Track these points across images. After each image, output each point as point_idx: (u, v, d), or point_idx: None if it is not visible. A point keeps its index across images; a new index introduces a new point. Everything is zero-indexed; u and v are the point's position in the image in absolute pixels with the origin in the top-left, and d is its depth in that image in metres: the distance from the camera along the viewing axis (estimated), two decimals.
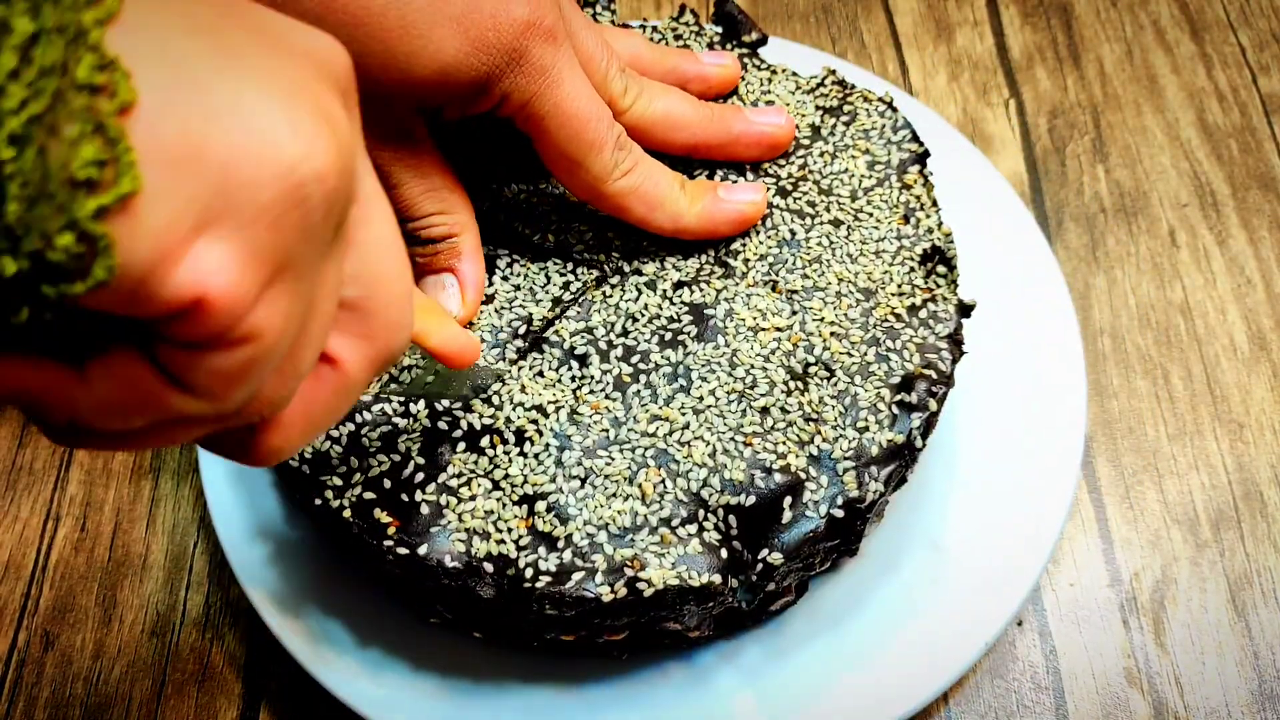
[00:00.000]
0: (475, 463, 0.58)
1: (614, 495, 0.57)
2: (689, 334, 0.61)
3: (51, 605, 0.68)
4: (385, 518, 0.56)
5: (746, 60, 0.72)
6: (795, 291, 0.63)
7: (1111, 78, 0.89)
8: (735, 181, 0.65)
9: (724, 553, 0.56)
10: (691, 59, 0.68)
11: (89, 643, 0.67)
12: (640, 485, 0.57)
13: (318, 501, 0.57)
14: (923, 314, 0.62)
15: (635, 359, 0.61)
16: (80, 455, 0.73)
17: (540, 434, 0.58)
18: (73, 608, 0.68)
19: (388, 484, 0.57)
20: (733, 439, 0.58)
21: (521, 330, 0.62)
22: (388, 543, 0.55)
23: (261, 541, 0.65)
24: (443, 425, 0.58)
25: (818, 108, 0.70)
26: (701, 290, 0.62)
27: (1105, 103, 0.88)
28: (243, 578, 0.63)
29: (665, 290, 0.62)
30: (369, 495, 0.57)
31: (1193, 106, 0.88)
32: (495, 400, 0.59)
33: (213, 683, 0.65)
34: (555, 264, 0.64)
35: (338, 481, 0.57)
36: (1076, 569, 0.69)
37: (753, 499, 0.56)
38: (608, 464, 0.57)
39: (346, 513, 0.56)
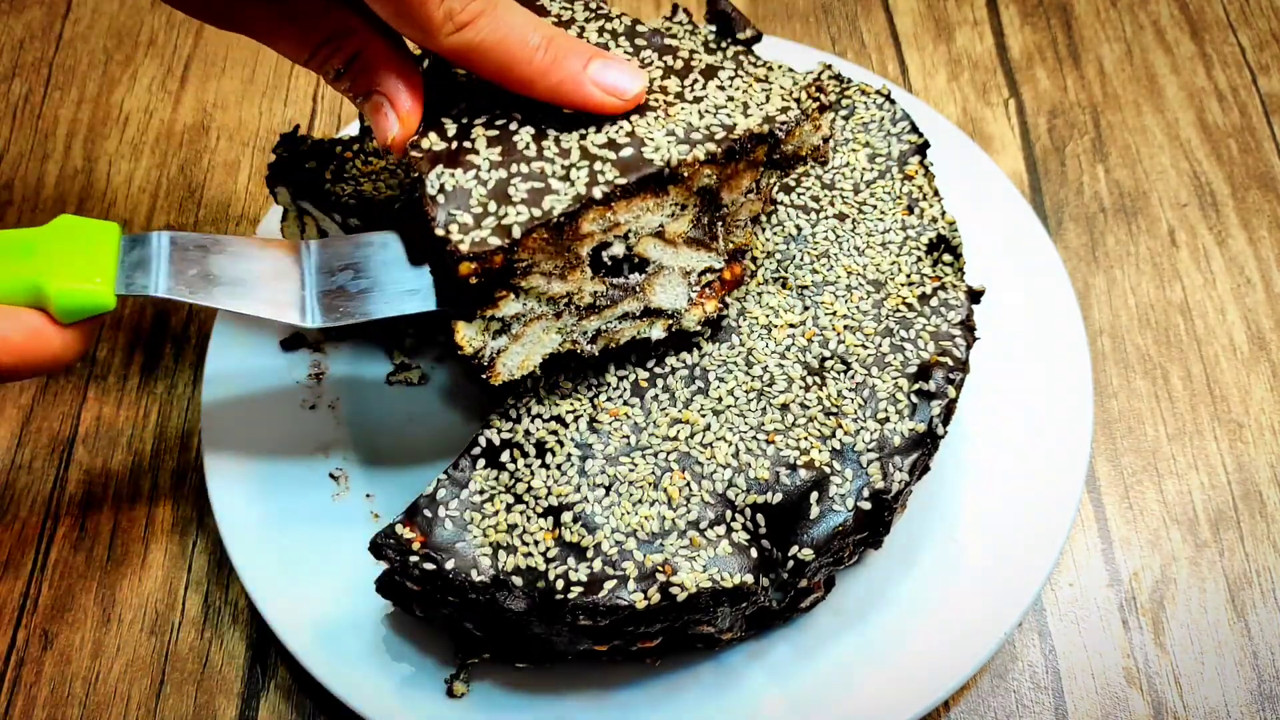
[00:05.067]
0: (496, 478, 0.58)
1: (640, 501, 0.57)
2: (702, 335, 0.61)
3: (50, 604, 0.68)
4: (409, 533, 0.56)
5: (742, 58, 0.72)
6: (805, 287, 0.63)
7: (1111, 78, 0.89)
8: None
9: (754, 552, 0.56)
10: None
11: (88, 641, 0.66)
12: (666, 489, 0.57)
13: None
14: (934, 302, 0.63)
15: (651, 363, 0.61)
16: (80, 455, 0.73)
17: (561, 444, 0.58)
18: (71, 606, 0.68)
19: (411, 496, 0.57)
20: (755, 438, 0.58)
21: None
22: (413, 559, 0.55)
23: (265, 539, 0.65)
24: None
25: None
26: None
27: (1105, 103, 0.88)
28: (244, 575, 0.63)
29: None
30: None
31: (1193, 106, 0.88)
32: (513, 414, 0.59)
33: (211, 681, 0.65)
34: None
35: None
36: (1076, 569, 0.69)
37: (779, 496, 0.57)
38: (631, 470, 0.57)
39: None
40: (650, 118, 0.56)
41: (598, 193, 0.54)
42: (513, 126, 0.57)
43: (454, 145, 0.56)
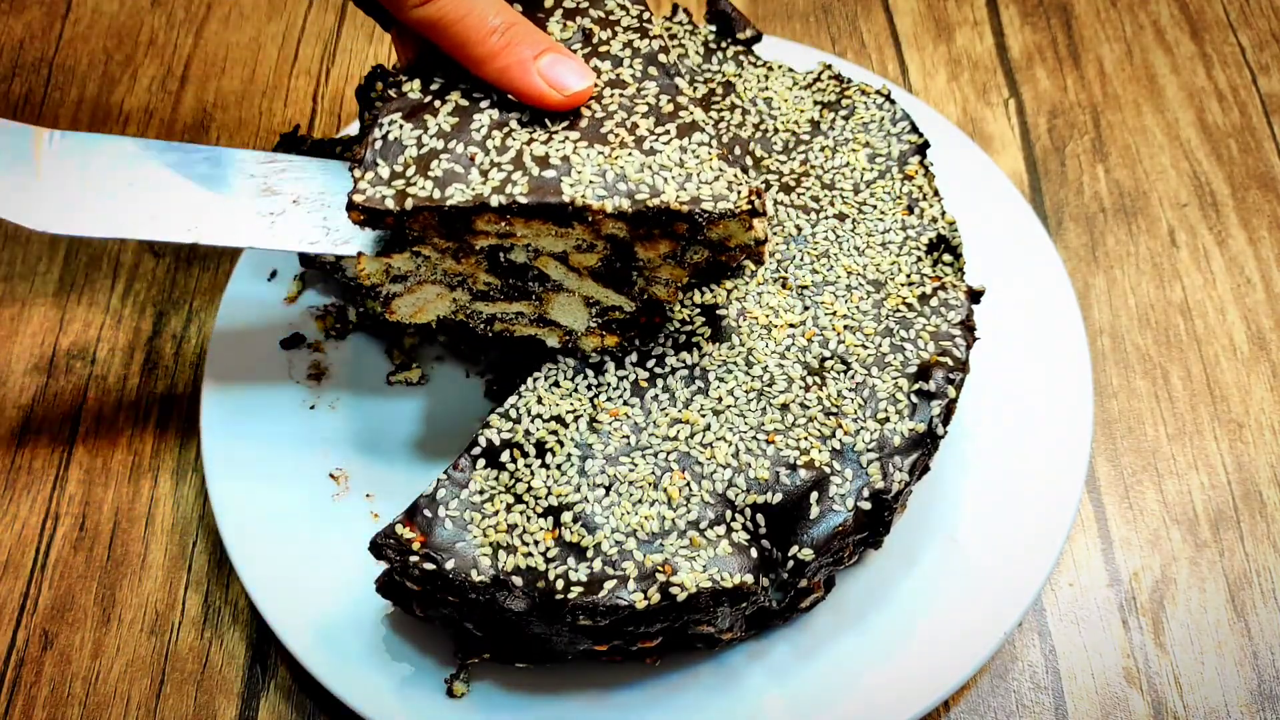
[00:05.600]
0: (496, 478, 0.58)
1: (640, 501, 0.57)
2: (702, 335, 0.61)
3: (50, 604, 0.68)
4: (409, 533, 0.56)
5: (742, 58, 0.72)
6: (805, 287, 0.63)
7: (1111, 78, 0.89)
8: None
9: (754, 552, 0.56)
10: None
11: (88, 642, 0.66)
12: (666, 490, 0.57)
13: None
14: (934, 302, 0.63)
15: (650, 363, 0.61)
16: (80, 454, 0.73)
17: (561, 445, 0.58)
18: (72, 607, 0.68)
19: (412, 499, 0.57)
20: (755, 438, 0.58)
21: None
22: (413, 559, 0.55)
23: (265, 539, 0.65)
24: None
25: (816, 103, 0.70)
26: (711, 290, 0.62)
27: (1105, 103, 0.88)
28: (244, 575, 0.63)
29: None
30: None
31: (1193, 106, 0.88)
32: (513, 414, 0.59)
33: (211, 681, 0.65)
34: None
35: None
36: (1076, 569, 0.69)
37: (779, 496, 0.57)
38: (631, 470, 0.57)
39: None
40: (596, 150, 0.56)
41: (495, 201, 0.55)
42: (484, 105, 0.58)
43: (426, 99, 0.58)
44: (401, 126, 0.57)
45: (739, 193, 0.55)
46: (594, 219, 0.55)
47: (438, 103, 0.58)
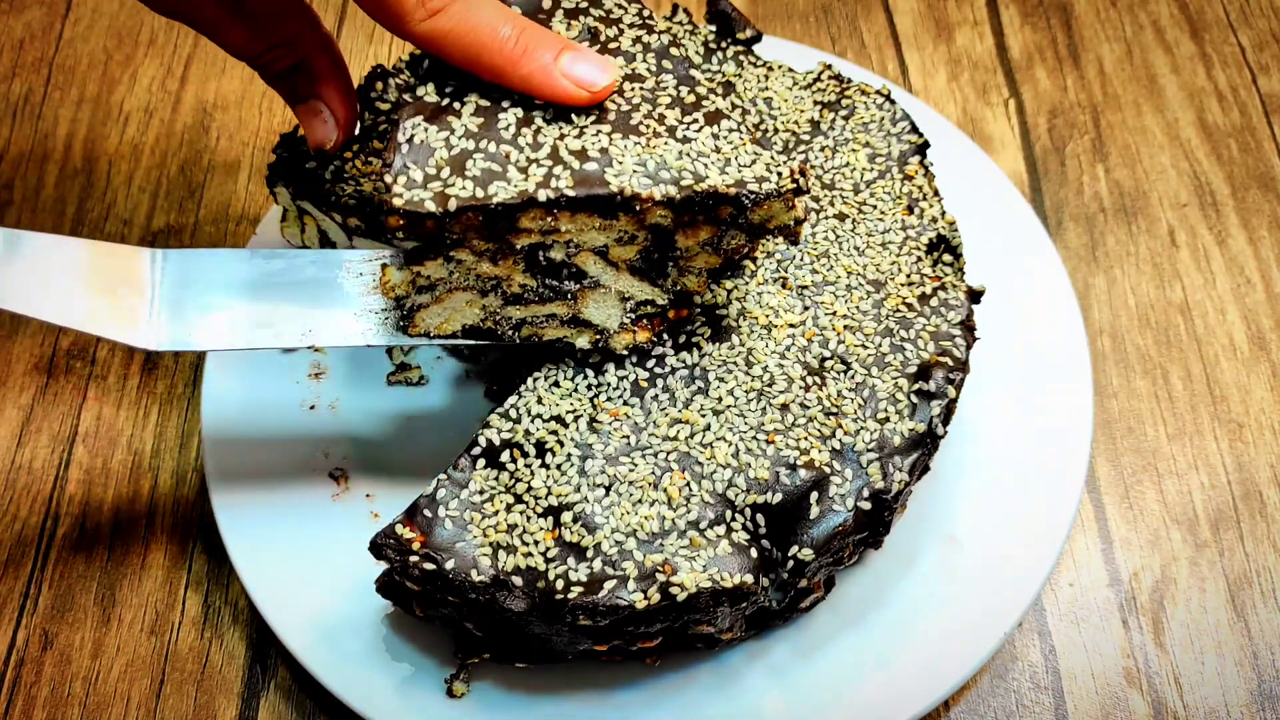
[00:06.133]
0: (496, 478, 0.58)
1: (640, 501, 0.57)
2: (702, 335, 0.61)
3: (50, 604, 0.68)
4: (409, 533, 0.56)
5: (742, 58, 0.72)
6: (805, 287, 0.63)
7: (1111, 78, 0.89)
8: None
9: (754, 552, 0.56)
10: None
11: (88, 642, 0.66)
12: (666, 489, 0.57)
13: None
14: (934, 302, 0.63)
15: (650, 363, 0.61)
16: (80, 455, 0.73)
17: (561, 444, 0.58)
18: (71, 607, 0.68)
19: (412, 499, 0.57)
20: (755, 438, 0.58)
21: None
22: (413, 559, 0.55)
23: (265, 539, 0.65)
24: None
25: (816, 103, 0.70)
26: (711, 290, 0.62)
27: (1105, 103, 0.88)
28: (244, 575, 0.63)
29: None
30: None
31: (1193, 106, 0.88)
32: (513, 414, 0.59)
33: (211, 682, 0.65)
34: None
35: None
36: (1076, 569, 0.69)
37: (779, 496, 0.57)
38: (631, 470, 0.57)
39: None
40: (632, 140, 0.56)
41: (542, 195, 0.54)
42: (505, 104, 0.57)
43: (444, 102, 0.57)
44: (425, 129, 0.56)
45: (780, 173, 0.55)
46: (642, 207, 0.54)
47: (458, 104, 0.57)
